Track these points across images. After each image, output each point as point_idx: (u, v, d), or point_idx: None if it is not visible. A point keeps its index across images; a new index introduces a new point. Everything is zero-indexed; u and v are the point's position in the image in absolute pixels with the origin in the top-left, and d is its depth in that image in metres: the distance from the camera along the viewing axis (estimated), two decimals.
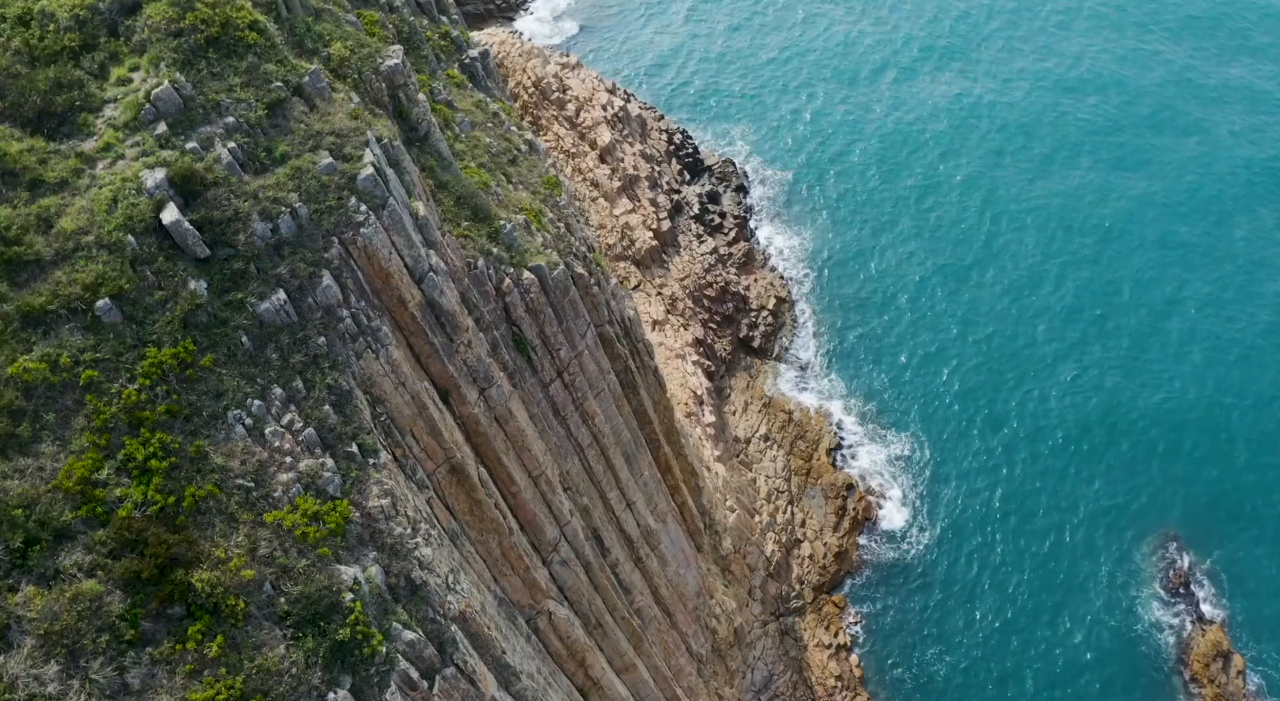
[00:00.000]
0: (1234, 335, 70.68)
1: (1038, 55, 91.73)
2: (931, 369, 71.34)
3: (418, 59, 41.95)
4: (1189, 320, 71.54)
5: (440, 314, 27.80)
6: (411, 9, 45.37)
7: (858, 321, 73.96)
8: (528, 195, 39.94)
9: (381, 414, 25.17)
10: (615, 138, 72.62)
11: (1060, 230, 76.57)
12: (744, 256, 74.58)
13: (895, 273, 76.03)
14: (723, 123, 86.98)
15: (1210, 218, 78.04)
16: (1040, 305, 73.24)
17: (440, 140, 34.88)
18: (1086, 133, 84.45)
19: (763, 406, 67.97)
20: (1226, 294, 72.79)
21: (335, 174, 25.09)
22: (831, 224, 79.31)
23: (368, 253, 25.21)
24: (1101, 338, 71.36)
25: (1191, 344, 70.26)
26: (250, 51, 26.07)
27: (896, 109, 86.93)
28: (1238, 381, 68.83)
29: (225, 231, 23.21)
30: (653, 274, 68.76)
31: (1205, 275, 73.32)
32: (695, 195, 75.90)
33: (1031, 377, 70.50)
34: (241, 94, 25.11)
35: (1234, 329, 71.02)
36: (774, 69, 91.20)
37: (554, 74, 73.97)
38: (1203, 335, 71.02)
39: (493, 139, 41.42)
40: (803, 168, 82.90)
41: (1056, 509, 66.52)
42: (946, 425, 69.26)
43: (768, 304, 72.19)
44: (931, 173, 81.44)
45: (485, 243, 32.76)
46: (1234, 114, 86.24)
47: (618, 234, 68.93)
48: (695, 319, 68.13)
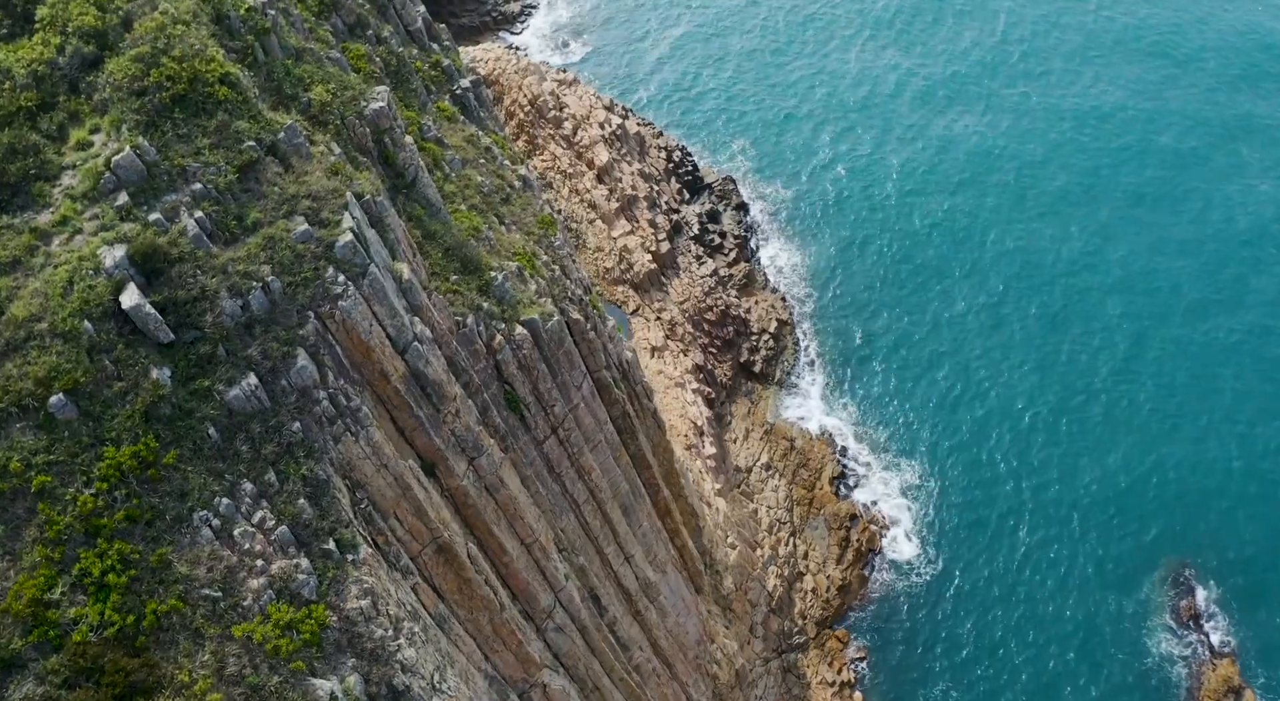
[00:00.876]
0: (1248, 369, 69.17)
1: (1053, 83, 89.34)
2: (937, 394, 69.74)
3: (406, 93, 40.30)
4: (1204, 355, 69.92)
5: (426, 384, 26.18)
6: (401, 38, 43.70)
7: (861, 344, 72.34)
8: (521, 237, 38.29)
9: (362, 500, 23.56)
10: (613, 157, 70.90)
11: (1073, 256, 74.86)
12: (745, 278, 72.89)
13: (899, 294, 74.39)
14: (724, 138, 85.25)
15: (1230, 256, 76.13)
16: (1052, 329, 71.57)
17: (428, 185, 33.23)
18: (1101, 158, 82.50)
19: (764, 433, 66.38)
20: (1242, 328, 71.21)
21: (311, 242, 23.44)
22: (834, 243, 77.65)
23: (346, 327, 23.58)
24: (1114, 365, 69.73)
25: (1205, 378, 68.70)
26: (220, 108, 24.40)
27: (904, 129, 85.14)
28: (1250, 413, 67.32)
29: (191, 312, 21.56)
30: (651, 298, 67.11)
31: (1226, 311, 71.74)
32: (695, 215, 74.20)
33: (1041, 404, 68.87)
34: (210, 157, 23.44)
35: (1248, 363, 69.50)
36: (779, 86, 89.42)
37: (550, 91, 72.21)
38: (1216, 368, 69.48)
39: (485, 177, 39.75)
40: (805, 185, 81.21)
41: (1066, 538, 64.98)
42: (953, 451, 67.69)
43: (769, 327, 70.54)
44: (939, 194, 79.73)
45: (475, 297, 31.12)
46: (1259, 147, 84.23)
47: (616, 257, 67.27)
48: (695, 344, 66.50)
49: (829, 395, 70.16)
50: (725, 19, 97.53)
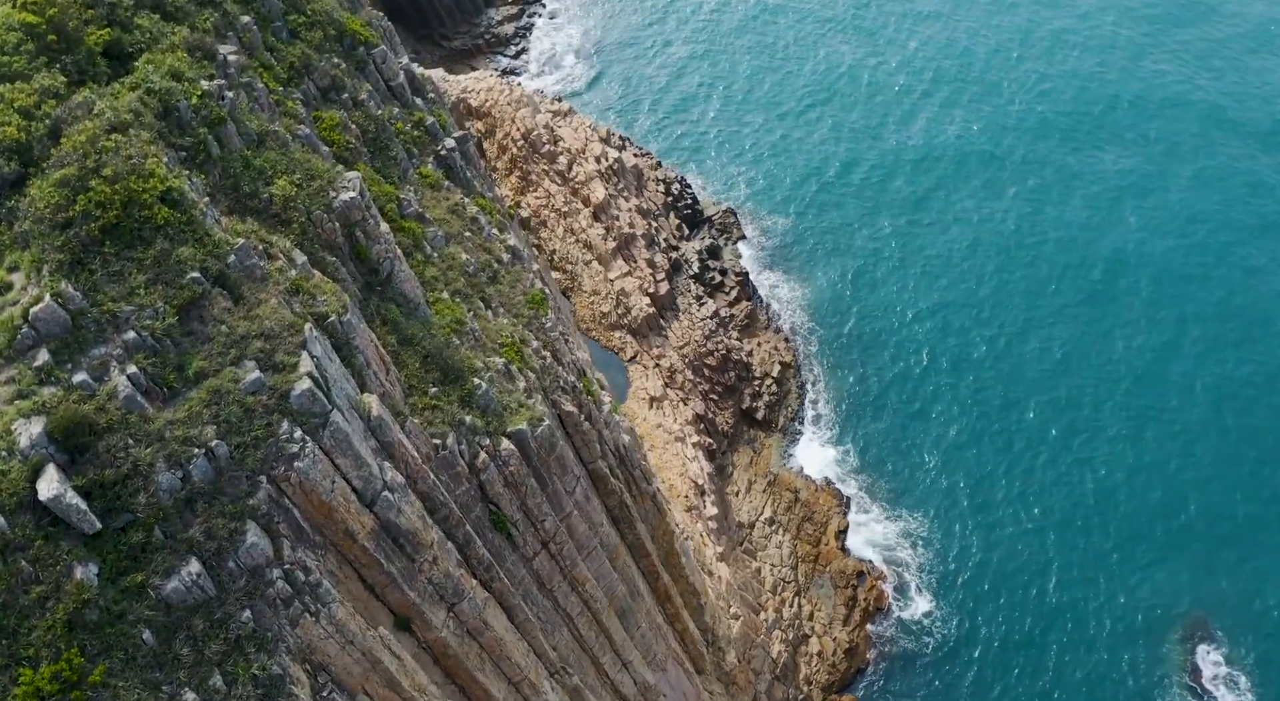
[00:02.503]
0: (1269, 417, 66.47)
1: (1065, 106, 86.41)
2: (947, 438, 66.99)
3: (385, 162, 37.33)
4: (1226, 402, 67.15)
5: (399, 535, 23.36)
6: (381, 96, 40.68)
7: (867, 386, 69.56)
8: (509, 322, 35.41)
9: (325, 684, 20.75)
10: (610, 193, 67.89)
11: (1088, 291, 72.02)
12: (746, 317, 70.02)
13: (908, 333, 71.56)
14: (725, 166, 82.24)
15: (1255, 289, 73.32)
16: (1066, 372, 68.79)
17: (406, 279, 30.33)
18: (1117, 186, 79.60)
19: (767, 485, 63.63)
20: (1265, 371, 68.45)
21: (263, 392, 20.57)
22: (839, 276, 74.77)
23: (305, 489, 20.73)
24: (1131, 412, 66.96)
25: (1226, 427, 65.98)
26: (160, 234, 21.49)
27: (912, 159, 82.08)
28: (1271, 465, 64.64)
29: (122, 493, 18.71)
30: (650, 343, 64.24)
31: (1246, 354, 68.93)
32: (694, 252, 71.23)
33: (1057, 451, 66.11)
34: (146, 297, 20.53)
35: (1268, 411, 66.79)
36: (783, 111, 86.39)
37: (545, 124, 69.11)
38: (1238, 418, 66.73)
39: (470, 253, 36.85)
40: (808, 216, 78.26)
41: (1082, 594, 62.34)
42: (964, 500, 64.96)
43: (772, 371, 67.70)
44: (948, 226, 76.84)
45: (456, 411, 28.26)
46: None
47: (613, 301, 64.35)
48: (695, 391, 63.68)
49: (834, 441, 67.38)
50: (727, 42, 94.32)
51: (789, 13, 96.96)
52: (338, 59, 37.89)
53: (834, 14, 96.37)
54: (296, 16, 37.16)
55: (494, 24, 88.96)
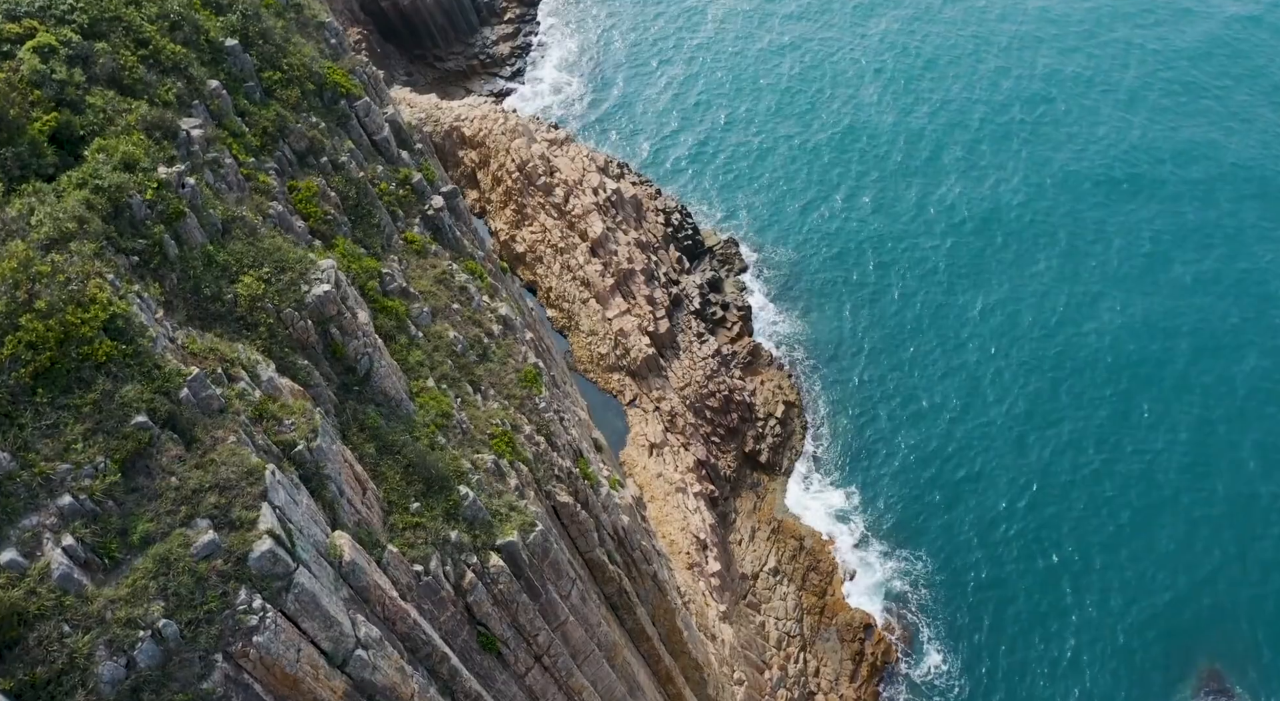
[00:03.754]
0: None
1: (1075, 141, 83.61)
2: (957, 482, 64.78)
3: (368, 230, 34.91)
4: (1248, 444, 64.99)
5: (375, 692, 21.09)
6: (365, 153, 38.23)
7: (875, 426, 67.29)
8: (499, 406, 33.08)
9: None
10: (607, 227, 65.44)
11: (1105, 331, 69.68)
12: (749, 354, 67.72)
13: (915, 369, 69.29)
14: (726, 192, 79.81)
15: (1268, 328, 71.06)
16: (1077, 410, 66.60)
17: (386, 375, 27.99)
18: (1125, 224, 77.13)
19: (771, 532, 61.44)
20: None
21: (218, 555, 18.25)
22: (843, 310, 72.44)
23: (266, 663, 18.44)
24: (1144, 451, 64.83)
25: (1248, 474, 63.82)
26: (102, 373, 19.15)
27: (920, 189, 79.59)
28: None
29: (57, 692, 16.40)
30: (650, 385, 61.90)
31: (1267, 397, 66.76)
32: (695, 286, 68.84)
33: (1068, 494, 63.97)
34: (85, 452, 18.20)
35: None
36: (788, 136, 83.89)
37: (540, 154, 66.59)
38: (1261, 460, 64.59)
39: (459, 328, 34.49)
40: (813, 246, 75.90)
41: (1096, 642, 60.23)
42: (974, 547, 62.78)
43: (775, 411, 65.42)
44: (958, 258, 74.47)
45: (441, 526, 25.95)
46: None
47: (611, 342, 61.99)
48: (697, 435, 61.41)
49: (839, 483, 65.16)
50: (730, 62, 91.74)
51: (794, 34, 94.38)
52: (316, 117, 35.46)
53: (841, 36, 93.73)
54: (271, 73, 34.72)
55: (489, 44, 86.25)
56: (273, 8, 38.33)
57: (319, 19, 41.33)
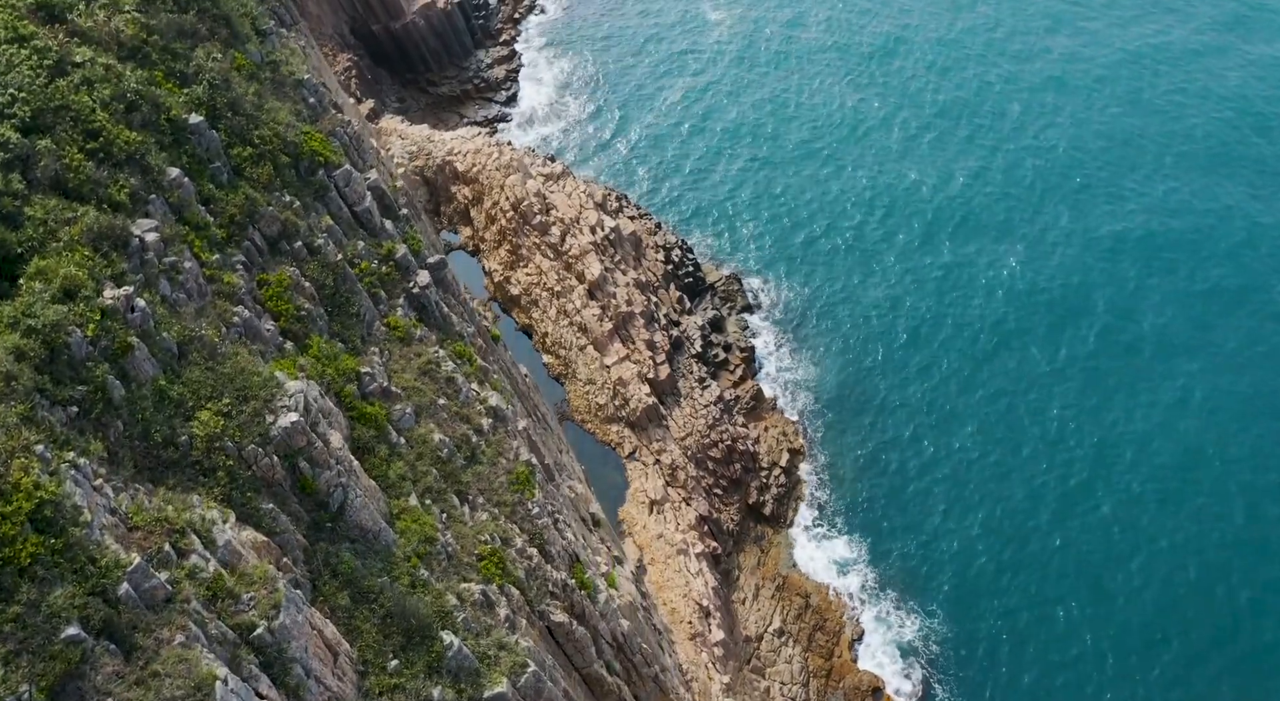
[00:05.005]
0: None
1: (1105, 196, 79.72)
2: (971, 534, 62.25)
3: (346, 322, 32.26)
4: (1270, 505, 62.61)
5: None
6: (345, 228, 35.52)
7: (883, 474, 64.74)
8: (489, 517, 30.52)
9: None
10: (605, 267, 62.78)
11: (1130, 379, 66.94)
12: (752, 399, 65.17)
13: (927, 413, 66.72)
14: (727, 223, 77.04)
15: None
16: (1100, 464, 63.88)
17: (361, 507, 25.42)
18: (1156, 265, 74.11)
19: (776, 589, 59.01)
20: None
21: None
22: (851, 350, 69.86)
23: None
24: (1173, 502, 62.23)
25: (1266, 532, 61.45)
26: (27, 577, 16.56)
27: (934, 220, 76.65)
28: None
29: None
30: (650, 437, 59.35)
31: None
32: (696, 328, 66.21)
33: (1091, 545, 61.27)
34: (6, 682, 15.62)
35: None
36: (791, 162, 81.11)
37: (535, 192, 63.84)
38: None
39: (445, 427, 31.90)
40: (819, 282, 73.22)
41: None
42: (991, 602, 60.18)
43: (780, 460, 62.92)
44: (974, 297, 71.62)
45: (422, 685, 23.42)
46: None
47: (609, 392, 59.41)
48: (699, 488, 58.93)
49: (847, 534, 62.63)
50: (731, 86, 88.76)
51: (800, 56, 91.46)
52: (290, 195, 32.78)
53: (851, 58, 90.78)
54: (241, 150, 32.03)
55: (483, 68, 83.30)
56: (245, 70, 35.65)
57: (297, 76, 38.61)
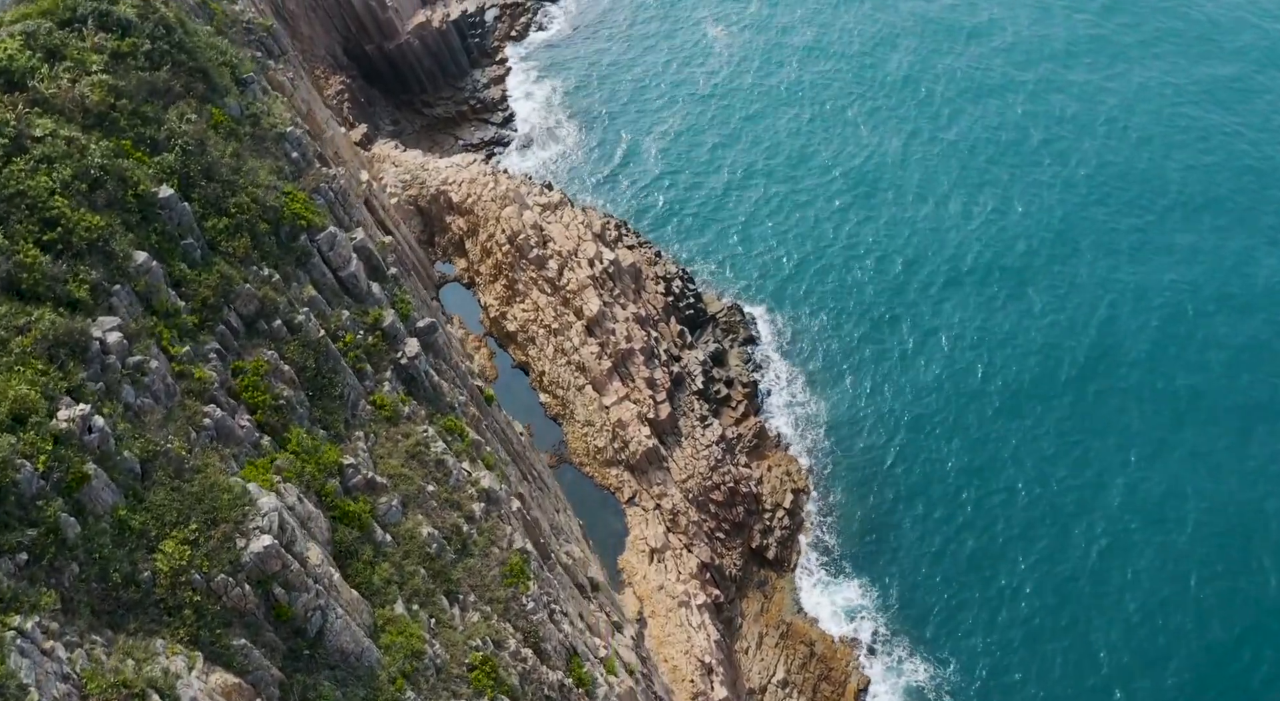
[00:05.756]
0: None
1: (1133, 239, 76.39)
2: (986, 578, 60.31)
3: (328, 404, 30.37)
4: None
5: None
6: (329, 295, 33.59)
7: (893, 513, 62.91)
8: (480, 617, 28.70)
9: None
10: (604, 302, 60.83)
11: (1150, 418, 64.91)
12: (755, 436, 63.32)
13: (938, 451, 64.76)
14: (731, 251, 74.96)
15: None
16: (1130, 506, 61.77)
17: (342, 630, 23.58)
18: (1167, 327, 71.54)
19: (780, 637, 57.28)
20: None
21: None
22: (858, 384, 67.94)
23: None
24: (1201, 547, 60.16)
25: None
26: None
27: (949, 250, 74.32)
28: None
29: None
30: (650, 480, 57.52)
31: None
32: (698, 362, 64.27)
33: (1127, 601, 58.90)
34: None
35: None
36: (796, 187, 78.98)
37: (532, 223, 61.83)
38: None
39: (434, 518, 30.04)
40: (825, 311, 71.24)
41: None
42: (1008, 651, 58.40)
43: (784, 501, 61.11)
44: (989, 331, 69.60)
45: None
46: None
47: (608, 434, 57.54)
48: (701, 533, 57.13)
49: (854, 578, 60.85)
50: (735, 104, 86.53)
51: (806, 76, 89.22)
52: (269, 269, 30.84)
53: (860, 79, 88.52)
54: (216, 221, 30.09)
55: (479, 87, 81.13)
56: (223, 127, 33.66)
57: (279, 129, 36.63)
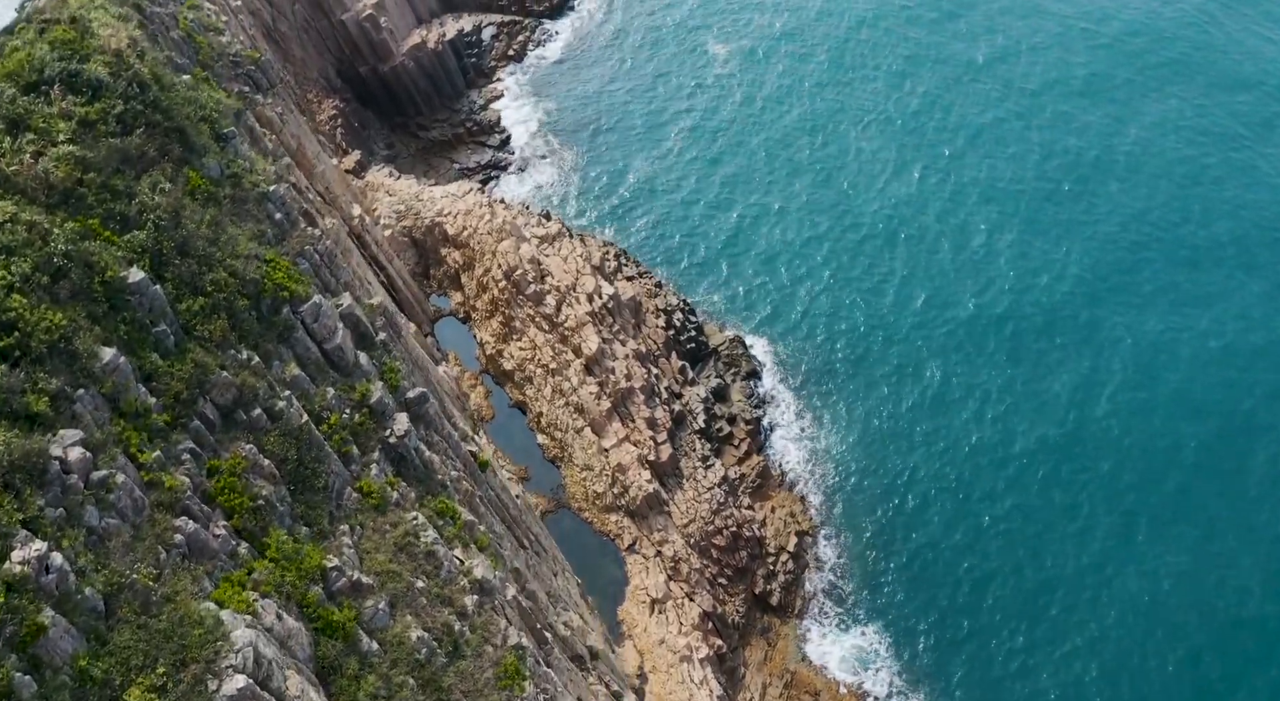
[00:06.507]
0: None
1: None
2: (998, 619, 58.54)
3: (311, 499, 28.66)
4: None
5: None
6: (313, 372, 31.82)
7: (901, 556, 61.17)
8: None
9: None
10: (604, 338, 59.11)
11: (1172, 457, 63.17)
12: (758, 476, 61.69)
13: (950, 489, 63.01)
14: (732, 279, 73.11)
15: None
16: (1159, 542, 60.04)
17: None
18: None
19: (784, 687, 55.70)
20: None
21: None
22: (865, 419, 66.11)
23: None
24: (1223, 600, 58.31)
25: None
26: None
27: (963, 282, 72.34)
28: None
29: None
30: (651, 526, 55.90)
31: None
32: (699, 399, 62.55)
33: (1127, 640, 57.48)
34: None
35: None
36: (800, 212, 77.09)
37: (530, 258, 60.04)
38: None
39: (424, 617, 28.38)
40: (831, 344, 69.47)
41: None
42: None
43: (787, 544, 59.50)
44: (1003, 365, 67.68)
45: None
46: None
47: (608, 479, 55.89)
48: (703, 581, 55.53)
49: (861, 622, 59.16)
50: (737, 127, 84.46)
51: (811, 97, 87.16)
52: (248, 351, 29.10)
53: (867, 100, 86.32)
54: (192, 302, 28.34)
55: (475, 109, 79.13)
56: (201, 192, 31.89)
57: (261, 188, 34.84)
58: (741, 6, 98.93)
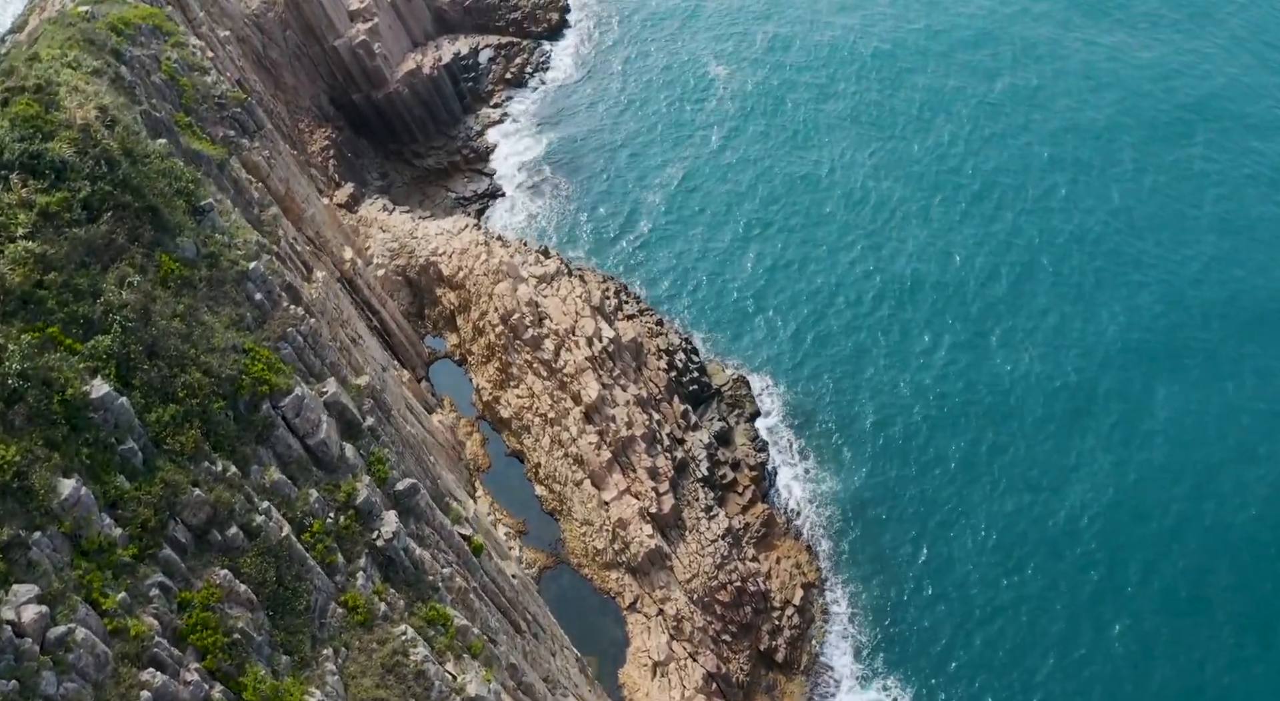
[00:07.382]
0: None
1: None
2: (1013, 677, 56.94)
3: (291, 623, 26.73)
4: None
5: None
6: (296, 472, 29.86)
7: (908, 606, 59.26)
8: None
9: None
10: (604, 384, 57.14)
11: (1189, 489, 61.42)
12: (763, 525, 59.78)
13: (960, 536, 61.12)
14: (737, 316, 70.99)
15: None
16: (1148, 592, 58.45)
17: None
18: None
19: None
20: None
21: None
22: (872, 463, 64.14)
23: None
24: (1239, 645, 56.76)
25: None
26: None
27: (969, 316, 70.15)
28: None
29: None
30: (653, 582, 54.04)
31: None
32: (702, 445, 60.58)
33: (1158, 684, 55.82)
34: None
35: None
36: (806, 247, 74.96)
37: (527, 301, 57.98)
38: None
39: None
40: (834, 383, 67.42)
41: None
42: None
43: (793, 597, 57.64)
44: (1015, 407, 65.68)
45: None
46: None
47: (608, 535, 54.00)
48: (706, 640, 53.71)
49: (870, 680, 57.47)
50: (740, 156, 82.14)
51: (816, 121, 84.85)
52: (223, 462, 27.17)
53: (875, 125, 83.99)
54: (162, 411, 26.41)
55: (472, 136, 76.93)
56: (175, 278, 29.88)
57: (240, 267, 32.77)
58: (739, 24, 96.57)
